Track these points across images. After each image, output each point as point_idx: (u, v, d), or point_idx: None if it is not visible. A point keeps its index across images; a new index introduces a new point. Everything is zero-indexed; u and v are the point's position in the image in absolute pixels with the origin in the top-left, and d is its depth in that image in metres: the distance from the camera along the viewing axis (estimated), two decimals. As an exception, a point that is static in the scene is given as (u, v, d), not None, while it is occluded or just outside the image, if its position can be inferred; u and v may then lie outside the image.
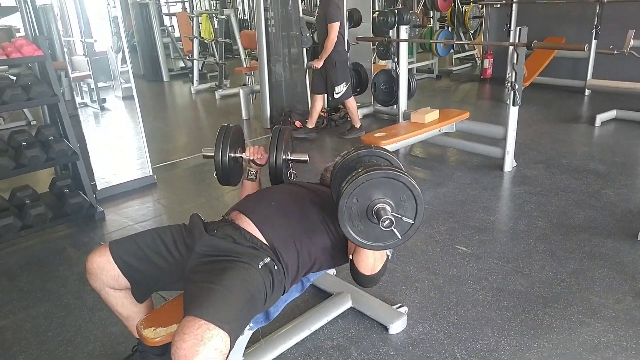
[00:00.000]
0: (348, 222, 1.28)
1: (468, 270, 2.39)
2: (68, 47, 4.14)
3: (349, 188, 1.24)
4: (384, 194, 1.25)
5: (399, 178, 1.24)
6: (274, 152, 1.79)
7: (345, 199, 1.25)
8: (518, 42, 3.26)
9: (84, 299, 2.31)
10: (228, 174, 1.84)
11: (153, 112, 6.46)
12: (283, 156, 1.81)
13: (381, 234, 1.27)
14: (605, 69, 5.65)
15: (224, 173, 1.83)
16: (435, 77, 7.62)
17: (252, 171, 1.90)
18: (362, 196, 1.25)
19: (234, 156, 1.84)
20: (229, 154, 1.81)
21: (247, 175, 1.91)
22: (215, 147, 1.80)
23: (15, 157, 2.81)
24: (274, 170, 1.81)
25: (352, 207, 1.26)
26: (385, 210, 1.23)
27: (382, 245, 1.32)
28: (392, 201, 1.26)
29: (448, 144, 4.15)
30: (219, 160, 1.80)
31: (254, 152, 1.86)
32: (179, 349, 1.13)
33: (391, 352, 1.88)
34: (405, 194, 1.26)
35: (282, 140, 1.81)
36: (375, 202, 1.24)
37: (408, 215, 1.27)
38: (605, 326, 1.95)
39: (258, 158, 1.86)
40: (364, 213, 1.27)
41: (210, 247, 1.48)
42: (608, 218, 2.84)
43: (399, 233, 1.27)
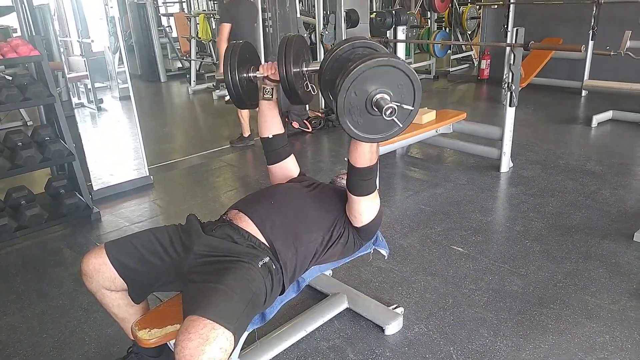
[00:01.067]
0: (348, 118, 1.25)
1: (464, 271, 2.39)
2: (65, 47, 4.13)
3: (346, 82, 1.19)
4: (381, 84, 1.21)
5: (396, 64, 1.20)
6: (283, 65, 1.59)
7: (343, 94, 1.20)
8: (515, 43, 3.26)
9: (79, 300, 2.30)
10: (242, 95, 1.71)
11: (150, 112, 6.45)
12: (295, 68, 1.61)
13: (382, 126, 1.25)
14: (602, 70, 5.66)
15: (237, 94, 1.70)
16: (432, 78, 7.63)
17: (267, 89, 1.76)
18: (359, 89, 1.21)
19: (247, 75, 1.71)
20: (240, 74, 1.67)
21: (263, 94, 1.77)
22: (223, 67, 1.67)
23: (11, 157, 2.80)
24: (286, 85, 1.63)
25: (350, 101, 1.22)
26: (385, 100, 1.20)
27: (385, 136, 1.30)
28: (389, 89, 1.22)
29: (445, 145, 4.15)
30: (230, 81, 1.66)
31: (267, 68, 1.70)
32: (185, 349, 1.12)
33: (387, 353, 1.87)
34: (403, 80, 1.22)
35: (291, 51, 1.60)
36: (375, 93, 1.21)
37: (407, 102, 1.24)
38: (601, 327, 1.95)
39: (272, 74, 1.70)
40: (363, 106, 1.23)
41: (210, 247, 1.48)
42: (604, 219, 2.84)
43: (399, 121, 1.24)
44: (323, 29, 5.20)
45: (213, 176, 3.99)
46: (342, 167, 3.83)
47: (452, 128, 4.00)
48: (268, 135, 1.83)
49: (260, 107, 1.82)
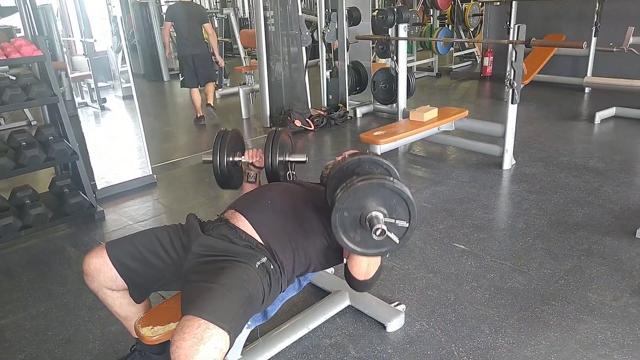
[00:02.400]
0: (344, 235, 1.29)
1: (466, 268, 2.40)
2: (68, 47, 4.15)
3: (338, 203, 1.25)
4: (375, 203, 1.26)
5: (385, 185, 1.25)
6: (269, 155, 1.78)
7: (336, 214, 1.26)
8: (516, 40, 3.26)
9: (83, 298, 2.32)
10: (227, 178, 1.85)
11: (153, 111, 6.47)
12: (280, 158, 1.80)
13: (380, 242, 1.28)
14: (605, 66, 5.65)
15: (223, 177, 1.84)
16: (435, 75, 7.62)
17: (251, 174, 1.91)
18: (352, 208, 1.26)
19: (233, 160, 1.85)
20: (227, 159, 1.81)
21: (247, 178, 1.92)
22: (212, 152, 1.81)
23: (15, 157, 2.82)
24: (270, 172, 1.80)
25: (344, 220, 1.27)
26: (377, 219, 1.23)
27: (382, 251, 1.32)
28: (384, 208, 1.26)
29: (447, 142, 4.15)
30: (217, 165, 1.80)
31: (252, 155, 1.86)
32: (179, 348, 1.14)
33: (389, 349, 1.88)
34: (395, 199, 1.26)
35: (277, 142, 1.80)
36: (367, 212, 1.25)
37: (402, 219, 1.27)
38: (603, 323, 1.96)
39: (257, 161, 1.86)
40: (357, 224, 1.27)
41: (207, 247, 1.49)
42: (606, 215, 2.84)
43: (396, 237, 1.27)
44: (325, 27, 5.21)
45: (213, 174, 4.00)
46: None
47: (455, 125, 4.00)
48: None
49: (243, 187, 1.94)
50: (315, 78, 5.78)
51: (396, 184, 1.25)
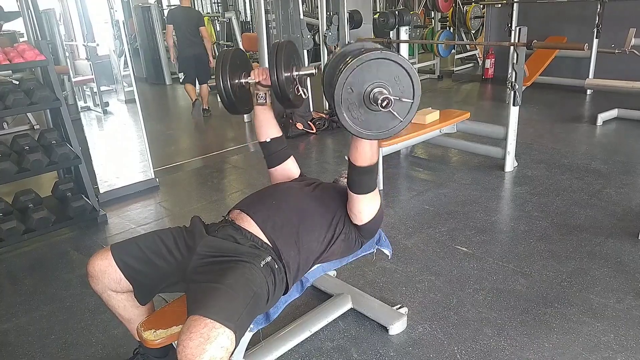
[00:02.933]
0: (347, 115, 1.24)
1: (468, 271, 2.39)
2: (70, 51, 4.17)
3: (341, 78, 1.19)
4: (378, 78, 1.21)
5: (389, 57, 1.19)
6: (274, 70, 1.61)
7: (340, 90, 1.20)
8: (518, 42, 3.26)
9: (86, 302, 2.33)
10: (234, 102, 1.71)
11: (155, 115, 6.49)
12: (287, 73, 1.64)
13: (383, 121, 1.23)
14: (607, 68, 5.64)
15: (230, 102, 1.71)
16: (436, 78, 7.63)
17: (260, 94, 1.78)
18: (356, 84, 1.21)
19: (239, 82, 1.71)
20: (232, 81, 1.68)
21: (257, 99, 1.79)
22: (215, 74, 1.68)
23: (18, 161, 2.83)
24: (277, 89, 1.64)
25: (348, 97, 1.22)
26: (381, 92, 1.19)
27: (386, 131, 1.28)
28: (387, 83, 1.22)
29: (449, 145, 4.15)
30: (222, 88, 1.67)
31: (259, 74, 1.72)
32: (186, 348, 1.14)
33: (391, 352, 1.88)
34: (399, 73, 1.21)
35: (282, 56, 1.63)
36: (371, 87, 1.20)
37: (406, 95, 1.23)
38: (606, 326, 1.95)
39: (264, 79, 1.71)
40: (361, 101, 1.22)
41: (212, 248, 1.49)
42: (609, 217, 2.84)
43: (400, 116, 1.24)
44: (326, 30, 5.23)
45: (218, 178, 4.01)
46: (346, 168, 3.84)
47: (456, 128, 4.00)
48: (266, 139, 1.85)
49: (254, 112, 1.84)
50: (317, 81, 5.78)
51: (401, 57, 1.21)
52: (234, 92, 1.70)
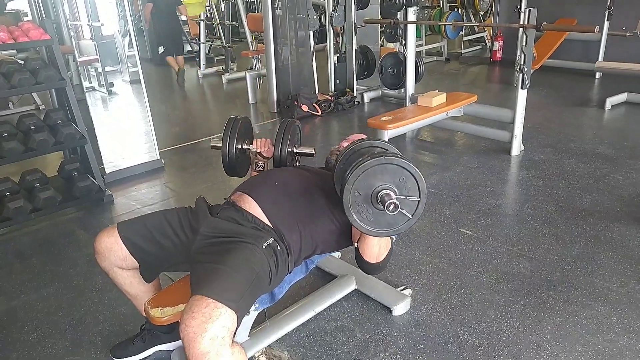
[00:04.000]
0: (357, 216, 1.31)
1: (473, 254, 2.40)
2: (75, 31, 4.15)
3: (348, 184, 1.27)
4: (383, 181, 1.28)
5: (392, 161, 1.26)
6: (279, 145, 1.80)
7: (347, 195, 1.28)
8: (527, 24, 3.21)
9: (93, 280, 2.35)
10: (235, 165, 1.87)
11: (160, 96, 6.47)
12: (288, 149, 1.82)
13: (392, 219, 1.30)
14: (618, 51, 5.56)
15: (230, 164, 1.86)
16: (444, 60, 7.55)
17: (259, 163, 1.92)
18: (362, 188, 1.28)
19: (241, 148, 1.87)
20: (236, 146, 1.84)
21: (255, 167, 1.94)
22: (222, 138, 1.83)
23: (25, 140, 2.84)
24: (278, 163, 1.82)
25: (355, 200, 1.29)
26: (389, 196, 1.25)
27: (396, 229, 1.34)
28: (393, 185, 1.28)
29: (455, 128, 4.12)
30: (226, 152, 1.83)
31: (260, 145, 1.88)
32: (188, 327, 1.16)
33: (394, 333, 1.90)
34: (403, 175, 1.28)
35: (288, 133, 1.83)
36: (378, 190, 1.27)
37: (412, 194, 1.29)
38: (609, 309, 1.96)
39: (265, 150, 1.88)
40: (369, 203, 1.29)
41: (215, 229, 1.50)
42: (615, 202, 2.82)
43: (408, 213, 1.29)
44: (333, 10, 5.16)
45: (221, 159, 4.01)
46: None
47: (463, 111, 3.98)
48: None
49: (250, 176, 1.95)
50: (323, 62, 5.74)
51: (403, 159, 1.27)
52: (236, 156, 1.86)
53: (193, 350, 1.14)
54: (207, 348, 1.14)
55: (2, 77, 2.71)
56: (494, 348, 1.79)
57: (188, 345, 1.15)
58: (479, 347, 1.80)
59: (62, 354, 1.90)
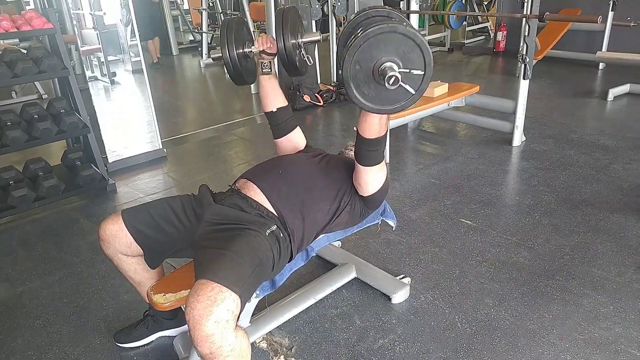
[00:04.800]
0: (357, 91, 1.22)
1: (472, 243, 2.42)
2: (77, 20, 4.14)
3: (348, 55, 1.17)
4: (386, 52, 1.18)
5: (397, 30, 1.16)
6: (281, 37, 1.60)
7: (347, 68, 1.19)
8: (530, 14, 3.20)
9: (96, 267, 2.39)
10: (240, 71, 1.72)
11: (162, 85, 6.48)
12: (292, 40, 1.62)
13: (395, 95, 1.22)
14: (621, 42, 5.52)
15: (236, 71, 1.71)
16: (447, 50, 7.51)
17: (265, 63, 1.77)
18: (363, 60, 1.18)
19: (243, 51, 1.71)
20: (237, 51, 1.67)
21: (262, 68, 1.79)
22: (220, 45, 1.67)
23: (28, 129, 2.86)
24: (284, 57, 1.64)
25: (356, 75, 1.20)
26: (391, 69, 1.16)
27: (398, 106, 1.27)
28: (396, 57, 1.19)
29: (457, 118, 4.12)
30: (228, 58, 1.66)
31: (263, 42, 1.71)
32: (194, 309, 1.18)
33: (393, 320, 1.93)
34: (408, 45, 1.18)
35: (288, 22, 1.63)
36: (380, 63, 1.18)
37: (416, 67, 1.20)
38: (606, 298, 1.98)
39: (268, 47, 1.71)
40: (370, 77, 1.21)
41: (219, 216, 1.52)
42: (615, 193, 2.83)
43: (412, 88, 1.22)
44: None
45: (225, 149, 4.03)
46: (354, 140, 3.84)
47: (465, 101, 3.97)
48: (272, 109, 1.85)
49: (260, 82, 1.83)
50: (325, 52, 5.73)
51: (409, 28, 1.17)
52: (239, 62, 1.69)
53: (198, 333, 1.16)
54: (211, 330, 1.16)
55: (5, 65, 2.72)
56: (492, 336, 1.82)
57: (193, 327, 1.17)
58: (476, 335, 1.82)
59: (66, 339, 1.93)
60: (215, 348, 1.17)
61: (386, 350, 1.78)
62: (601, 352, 1.72)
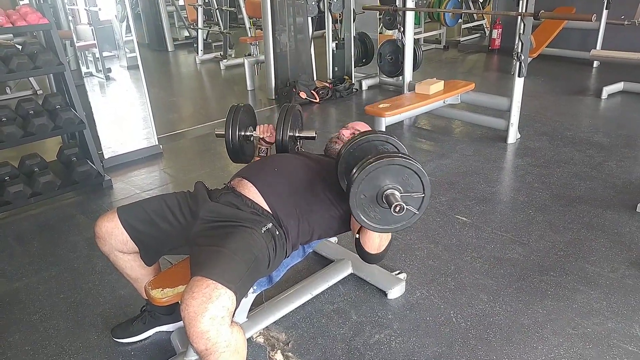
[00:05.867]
0: (365, 216, 1.35)
1: (467, 240, 2.44)
2: (72, 15, 4.12)
3: (353, 187, 1.30)
4: (387, 181, 1.31)
5: (393, 162, 1.29)
6: (281, 130, 1.84)
7: (353, 198, 1.32)
8: (525, 12, 3.22)
9: (93, 263, 2.39)
10: (239, 151, 1.92)
11: (158, 82, 6.46)
12: (290, 133, 1.86)
13: (400, 216, 1.33)
14: (616, 41, 5.56)
15: (235, 151, 1.91)
16: (442, 48, 7.53)
17: (262, 149, 1.97)
18: (367, 190, 1.31)
19: (245, 134, 1.93)
20: (239, 133, 1.88)
21: (258, 152, 1.98)
22: (225, 126, 1.88)
23: (24, 125, 2.85)
24: (280, 147, 1.86)
25: (362, 202, 1.33)
26: (394, 196, 1.28)
27: (403, 224, 1.38)
28: (397, 184, 1.32)
29: (453, 116, 4.14)
30: (230, 139, 1.87)
31: (263, 131, 1.93)
32: (189, 306, 1.19)
33: (389, 315, 1.95)
34: (406, 173, 1.31)
35: (289, 117, 1.86)
36: (382, 190, 1.30)
37: (416, 190, 1.33)
38: (599, 293, 2.01)
39: (267, 136, 1.93)
40: (375, 203, 1.33)
41: (214, 213, 1.53)
42: (609, 190, 2.86)
43: (414, 208, 1.34)
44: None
45: (221, 146, 3.99)
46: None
47: (461, 99, 3.99)
48: None
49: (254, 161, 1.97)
50: (321, 49, 5.73)
51: (404, 158, 1.30)
52: (240, 143, 1.90)
53: (193, 329, 1.17)
54: (207, 327, 1.17)
55: (0, 61, 2.71)
56: (486, 331, 1.84)
57: (189, 324, 1.18)
58: (471, 330, 1.84)
59: (63, 334, 1.94)
60: (211, 344, 1.18)
61: (382, 345, 1.80)
62: (594, 347, 1.74)
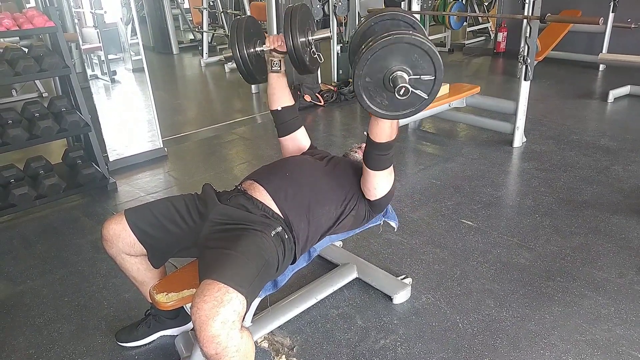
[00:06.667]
0: (370, 101, 1.23)
1: (473, 244, 2.42)
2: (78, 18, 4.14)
3: (357, 70, 1.19)
4: (395, 62, 1.19)
5: (402, 40, 1.16)
6: (290, 34, 1.60)
7: (357, 81, 1.20)
8: (531, 15, 3.20)
9: (97, 266, 2.38)
10: (251, 70, 1.73)
11: (163, 84, 6.47)
12: (302, 38, 1.62)
13: (409, 100, 1.22)
14: (622, 43, 5.53)
15: (247, 70, 1.72)
16: (447, 51, 7.51)
17: (275, 61, 1.77)
18: (373, 72, 1.19)
19: (254, 50, 1.71)
20: (247, 50, 1.68)
21: (271, 66, 1.79)
22: (230, 44, 1.68)
23: (29, 128, 2.86)
24: (293, 54, 1.64)
25: (368, 86, 1.21)
26: (402, 78, 1.17)
27: (412, 110, 1.27)
28: (406, 65, 1.20)
29: (458, 119, 4.13)
30: (239, 57, 1.67)
31: (274, 41, 1.71)
32: (200, 310, 1.18)
33: (395, 320, 1.93)
34: (416, 53, 1.19)
35: (296, 20, 1.62)
36: (390, 72, 1.19)
37: (426, 73, 1.21)
38: (607, 299, 1.98)
39: (279, 45, 1.71)
40: (382, 87, 1.22)
41: (224, 216, 1.52)
42: (616, 194, 2.84)
43: (424, 93, 1.23)
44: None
45: (226, 149, 4.03)
46: (355, 141, 3.85)
47: (466, 102, 3.98)
48: (277, 108, 1.86)
49: (269, 80, 1.84)
50: (326, 52, 5.73)
51: (414, 36, 1.17)
52: (250, 61, 1.70)
53: (204, 333, 1.16)
54: (218, 331, 1.16)
55: (6, 64, 2.72)
56: (493, 337, 1.82)
57: (199, 328, 1.17)
58: (477, 336, 1.83)
59: (67, 338, 1.93)
60: (221, 349, 1.17)
61: (388, 350, 1.78)
62: (602, 354, 1.72)
